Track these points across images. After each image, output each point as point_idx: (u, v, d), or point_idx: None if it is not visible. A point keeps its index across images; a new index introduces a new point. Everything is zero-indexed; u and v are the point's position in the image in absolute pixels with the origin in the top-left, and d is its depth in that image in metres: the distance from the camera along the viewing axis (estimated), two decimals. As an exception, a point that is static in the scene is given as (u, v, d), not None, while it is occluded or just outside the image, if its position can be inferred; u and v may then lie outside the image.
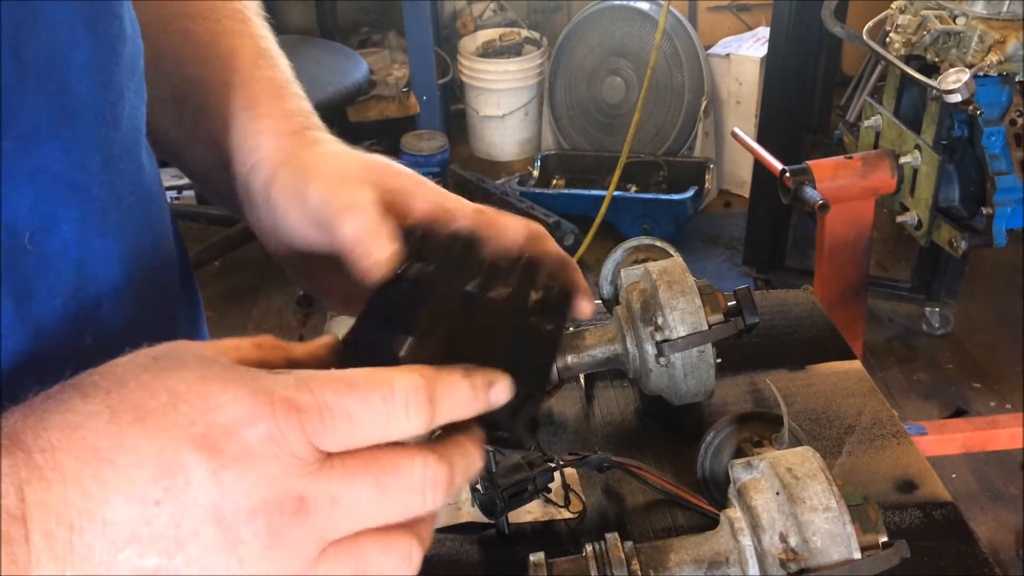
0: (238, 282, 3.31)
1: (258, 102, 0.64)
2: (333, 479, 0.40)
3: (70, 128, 0.48)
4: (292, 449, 0.39)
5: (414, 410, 0.41)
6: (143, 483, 0.38)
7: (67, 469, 0.38)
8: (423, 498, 0.42)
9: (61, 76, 0.47)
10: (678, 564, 0.71)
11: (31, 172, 0.46)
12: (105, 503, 0.38)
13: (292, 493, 0.39)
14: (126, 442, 0.38)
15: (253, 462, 0.39)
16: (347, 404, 0.40)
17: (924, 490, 0.88)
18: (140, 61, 0.56)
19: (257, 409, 0.39)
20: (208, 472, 0.38)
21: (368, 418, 0.41)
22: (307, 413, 0.40)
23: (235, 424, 0.39)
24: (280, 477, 0.39)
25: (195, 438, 0.39)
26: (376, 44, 3.88)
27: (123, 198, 0.53)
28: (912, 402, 2.72)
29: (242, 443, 0.39)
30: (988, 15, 1.95)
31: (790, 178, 2.05)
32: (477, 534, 0.86)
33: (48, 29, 0.46)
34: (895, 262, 3.27)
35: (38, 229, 0.47)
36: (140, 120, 0.57)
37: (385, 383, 0.41)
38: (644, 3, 3.54)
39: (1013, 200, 1.98)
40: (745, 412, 0.89)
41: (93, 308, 0.51)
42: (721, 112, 3.65)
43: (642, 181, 3.49)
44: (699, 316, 0.87)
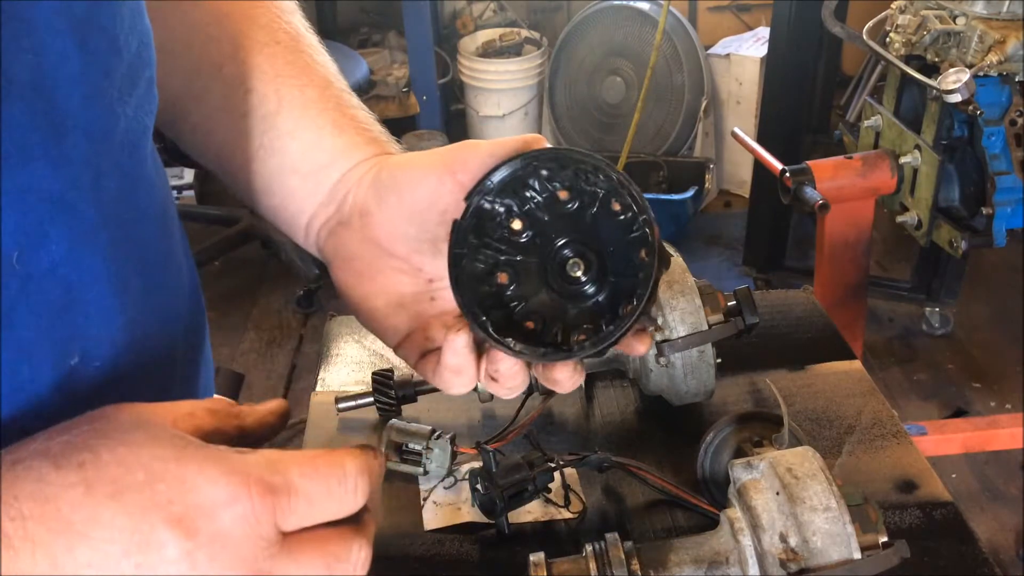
0: (238, 282, 3.31)
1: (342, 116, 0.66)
2: (291, 562, 0.43)
3: (59, 145, 0.47)
4: (262, 531, 0.41)
5: (360, 491, 0.45)
6: (115, 558, 0.39)
7: (38, 540, 0.38)
8: (355, 573, 0.46)
9: (50, 92, 0.46)
10: (678, 564, 0.71)
11: (19, 191, 0.45)
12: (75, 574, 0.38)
13: (259, 574, 0.41)
14: (102, 516, 0.39)
15: (226, 543, 0.40)
16: (308, 487, 0.43)
17: (924, 490, 0.88)
18: (145, 73, 0.56)
19: (235, 491, 0.41)
20: (183, 552, 0.40)
21: (323, 501, 0.44)
22: (279, 496, 0.42)
23: (212, 505, 0.40)
24: (249, 559, 0.41)
25: (171, 517, 0.40)
26: (376, 44, 3.88)
27: (116, 215, 0.53)
28: (912, 402, 2.72)
29: (218, 524, 0.40)
30: (988, 15, 1.95)
31: (790, 178, 2.05)
32: (477, 534, 0.86)
33: (35, 45, 0.45)
34: (895, 262, 3.27)
35: (26, 248, 0.46)
36: (140, 136, 0.57)
37: (339, 467, 0.44)
38: (644, 3, 3.53)
39: (1013, 200, 1.98)
40: (745, 412, 0.89)
41: (81, 328, 0.50)
42: (721, 112, 3.65)
43: (642, 181, 3.49)
44: (699, 316, 0.87)
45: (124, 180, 0.54)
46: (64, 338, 0.49)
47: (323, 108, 0.65)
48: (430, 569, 0.83)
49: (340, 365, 1.08)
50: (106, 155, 0.52)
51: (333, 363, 1.08)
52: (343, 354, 1.09)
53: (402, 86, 3.60)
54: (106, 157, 0.52)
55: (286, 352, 2.98)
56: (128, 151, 0.55)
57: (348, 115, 0.66)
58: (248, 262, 3.35)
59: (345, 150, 0.64)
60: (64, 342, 0.49)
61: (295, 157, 0.65)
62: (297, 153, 0.65)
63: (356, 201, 0.62)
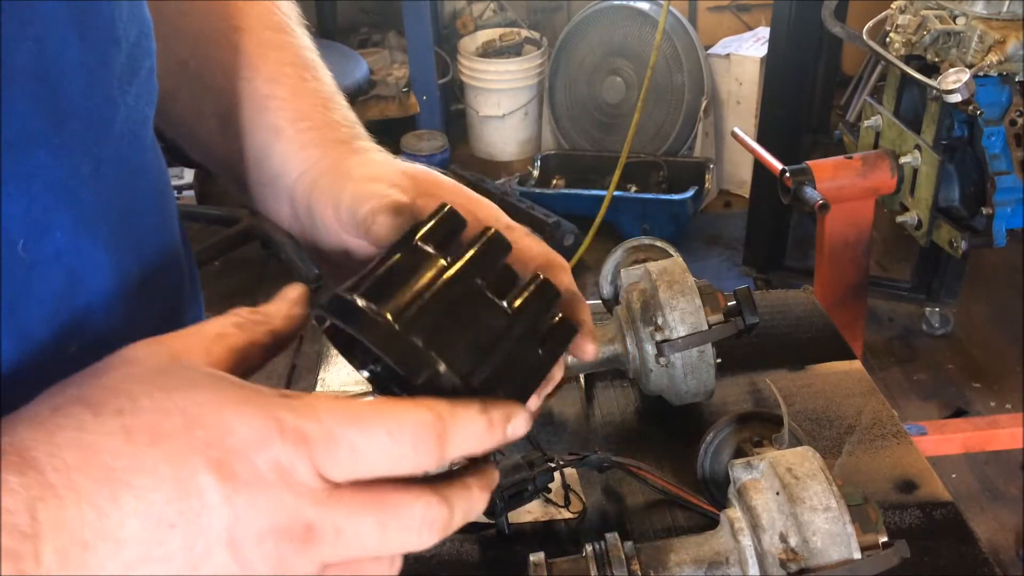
0: (238, 282, 3.31)
1: (305, 115, 0.64)
2: (340, 511, 0.41)
3: (60, 133, 0.48)
4: (300, 477, 0.40)
5: (423, 448, 0.42)
6: (159, 505, 0.39)
7: (83, 489, 0.38)
8: (419, 537, 0.43)
9: (51, 80, 0.47)
10: (678, 564, 0.71)
11: (23, 178, 0.45)
12: (120, 524, 0.38)
13: (301, 520, 0.40)
14: (143, 464, 0.39)
15: (265, 488, 0.40)
16: (351, 436, 0.41)
17: (924, 490, 0.88)
18: (146, 63, 0.56)
19: (267, 435, 0.40)
20: (222, 497, 0.39)
21: (372, 452, 0.41)
22: (313, 441, 0.40)
23: (247, 448, 0.40)
24: (290, 504, 0.40)
25: (210, 462, 0.39)
26: (376, 44, 3.88)
27: (116, 204, 0.53)
28: (912, 402, 2.71)
29: (254, 468, 0.40)
30: (988, 15, 1.95)
31: (790, 178, 2.05)
32: (477, 534, 0.86)
33: (36, 34, 0.45)
34: (895, 262, 3.27)
35: (31, 236, 0.46)
36: (140, 125, 0.57)
37: (393, 418, 0.42)
38: (644, 3, 3.53)
39: (1013, 200, 1.98)
40: (745, 412, 0.89)
41: (81, 317, 0.51)
42: (721, 112, 3.64)
43: (642, 181, 3.49)
44: (699, 316, 0.87)
45: (124, 169, 0.54)
46: (65, 326, 0.49)
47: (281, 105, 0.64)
48: (430, 569, 0.83)
49: (340, 365, 1.08)
50: (106, 144, 0.52)
51: (333, 363, 1.08)
52: (343, 354, 1.09)
53: (402, 86, 3.60)
54: (106, 146, 0.52)
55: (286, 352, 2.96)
56: (128, 140, 0.55)
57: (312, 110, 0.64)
58: (248, 262, 3.35)
59: (288, 160, 0.63)
60: (65, 331, 0.49)
61: (256, 168, 0.65)
62: (255, 163, 0.65)
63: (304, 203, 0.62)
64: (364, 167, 0.60)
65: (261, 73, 0.65)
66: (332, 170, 0.60)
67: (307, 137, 0.63)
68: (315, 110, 0.65)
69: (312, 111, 0.65)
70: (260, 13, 0.68)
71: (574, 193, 3.44)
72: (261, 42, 0.67)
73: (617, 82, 3.67)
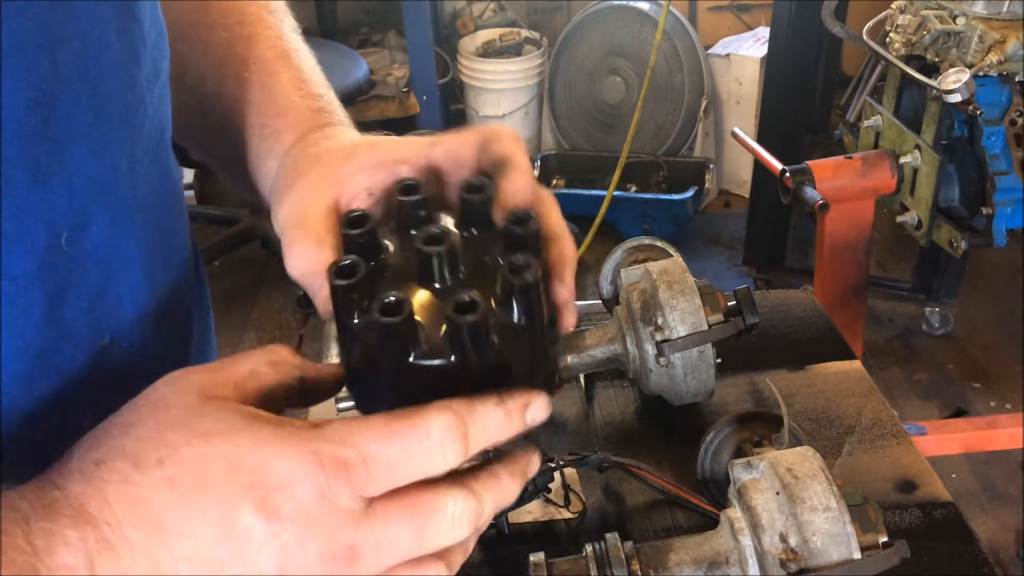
0: (238, 282, 3.31)
1: (277, 109, 0.64)
2: (377, 525, 0.43)
3: (100, 130, 0.49)
4: (342, 503, 0.42)
5: (449, 448, 0.44)
6: (209, 548, 0.40)
7: (135, 541, 0.40)
8: (452, 532, 0.45)
9: (93, 78, 0.47)
10: (678, 564, 0.71)
11: (66, 173, 0.46)
12: (175, 569, 0.40)
13: (345, 543, 0.42)
14: (191, 512, 0.40)
15: (309, 520, 0.41)
16: (387, 453, 0.43)
17: (924, 490, 0.88)
18: (164, 64, 0.57)
19: (310, 469, 0.41)
20: (270, 534, 0.41)
21: (407, 462, 0.43)
22: (352, 468, 0.42)
23: (290, 486, 0.41)
24: (333, 530, 0.42)
25: (255, 503, 0.41)
26: (376, 44, 3.88)
27: (146, 200, 0.54)
28: (912, 402, 2.71)
29: (297, 503, 0.41)
30: (988, 15, 1.95)
31: (790, 178, 2.05)
32: (477, 534, 0.86)
33: (80, 32, 0.46)
34: (895, 262, 3.27)
35: (74, 229, 0.48)
36: (163, 124, 0.58)
37: (421, 425, 0.43)
38: (644, 3, 3.53)
39: (1013, 200, 1.98)
40: (745, 412, 0.89)
41: (114, 309, 0.52)
42: (721, 112, 3.64)
43: (642, 181, 3.49)
44: (699, 316, 0.87)
45: (152, 167, 0.56)
46: (99, 319, 0.50)
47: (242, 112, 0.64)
48: (430, 569, 0.83)
49: (340, 365, 1.08)
50: (139, 141, 0.53)
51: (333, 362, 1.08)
52: (343, 354, 1.09)
53: (402, 86, 3.60)
54: (139, 143, 0.53)
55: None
56: (156, 138, 0.56)
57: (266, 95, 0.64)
58: (248, 262, 3.35)
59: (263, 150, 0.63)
60: (99, 323, 0.51)
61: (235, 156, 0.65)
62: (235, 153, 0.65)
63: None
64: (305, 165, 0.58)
65: (230, 72, 0.65)
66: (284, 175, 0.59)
67: (279, 125, 0.63)
68: (285, 103, 0.64)
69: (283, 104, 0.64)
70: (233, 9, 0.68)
71: (574, 193, 3.44)
72: (231, 38, 0.67)
73: (617, 82, 3.67)
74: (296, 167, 0.58)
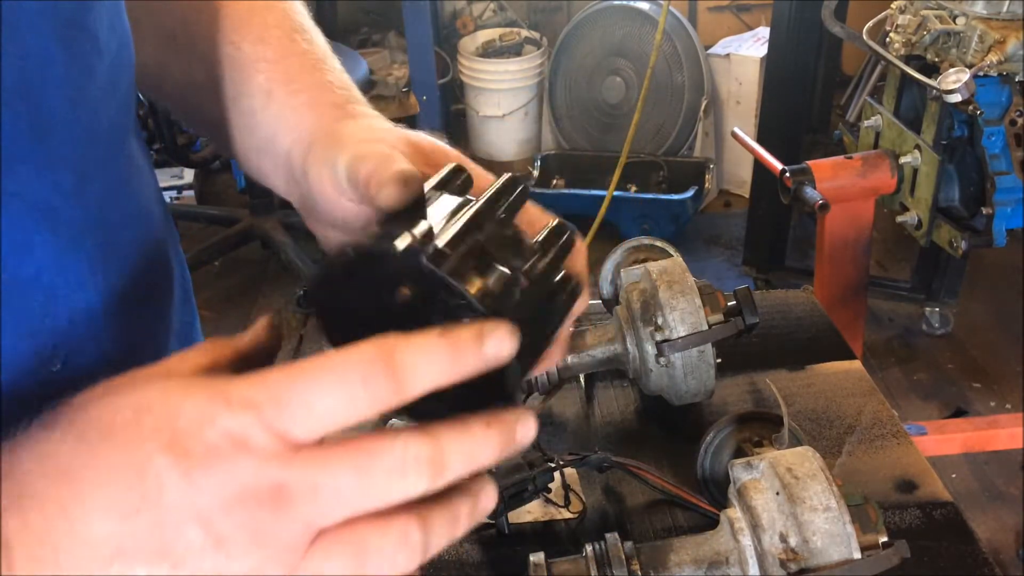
0: (238, 282, 3.31)
1: (296, 77, 0.62)
2: (309, 466, 0.39)
3: (43, 148, 0.47)
4: (255, 442, 0.39)
5: (374, 383, 0.39)
6: (119, 495, 0.38)
7: (43, 493, 0.38)
8: (407, 479, 0.40)
9: (34, 95, 0.46)
10: (678, 564, 0.71)
11: (7, 195, 0.45)
12: (85, 521, 0.38)
13: (267, 482, 0.39)
14: (96, 458, 0.39)
15: (220, 458, 0.39)
16: (300, 391, 0.39)
17: (924, 490, 0.88)
18: (125, 75, 0.55)
19: (215, 408, 0.39)
20: (180, 474, 0.38)
21: (325, 402, 0.39)
22: (261, 406, 0.39)
23: (197, 425, 0.39)
24: (249, 469, 0.39)
25: (162, 444, 0.39)
26: (376, 44, 3.88)
27: (101, 219, 0.52)
28: (912, 402, 2.71)
29: (206, 442, 0.39)
30: (988, 15, 1.95)
31: (790, 178, 2.05)
32: (477, 534, 0.86)
33: (20, 48, 0.45)
34: (895, 262, 3.27)
35: (10, 254, 0.46)
36: (122, 137, 0.56)
37: (339, 363, 0.40)
38: (644, 3, 3.53)
39: (1013, 200, 1.98)
40: (745, 412, 0.89)
41: (63, 335, 0.50)
42: (721, 112, 3.64)
43: (642, 181, 3.49)
44: (699, 316, 0.87)
45: (108, 183, 0.54)
46: (46, 344, 0.49)
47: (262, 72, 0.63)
48: (430, 569, 0.83)
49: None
50: (91, 158, 0.51)
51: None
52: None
53: (402, 86, 3.60)
54: (91, 160, 0.51)
55: (286, 352, 2.97)
56: (112, 153, 0.54)
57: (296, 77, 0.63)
58: (248, 262, 3.35)
59: (281, 125, 0.62)
60: (47, 348, 0.49)
61: (248, 134, 0.64)
62: (247, 129, 0.63)
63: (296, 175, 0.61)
64: (362, 131, 0.58)
65: (247, 36, 0.64)
66: (328, 134, 0.59)
67: (299, 100, 0.61)
68: (306, 72, 0.63)
69: (302, 73, 0.63)
70: None
71: (574, 193, 3.44)
72: (247, 7, 0.65)
73: (617, 82, 3.67)
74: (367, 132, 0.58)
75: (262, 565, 0.39)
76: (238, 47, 0.64)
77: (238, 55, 0.64)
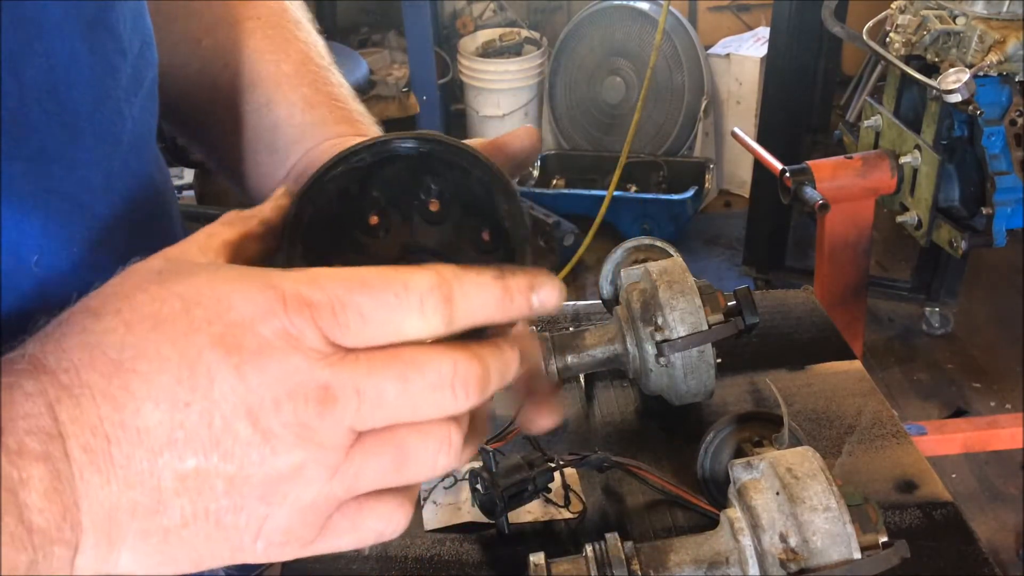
0: (238, 282, 3.31)
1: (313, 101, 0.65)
2: (356, 370, 0.40)
3: (73, 147, 0.48)
4: (307, 343, 0.40)
5: (430, 309, 0.40)
6: (170, 387, 0.39)
7: (94, 384, 0.38)
8: (453, 395, 0.41)
9: (62, 95, 0.47)
10: (678, 564, 0.71)
11: (42, 193, 0.46)
12: (136, 412, 0.38)
13: (315, 382, 0.39)
14: (147, 350, 0.39)
15: (272, 355, 0.39)
16: (358, 300, 0.40)
17: (924, 490, 0.88)
18: (149, 74, 0.56)
19: (269, 305, 0.40)
20: (231, 368, 0.39)
21: (380, 315, 0.40)
22: (318, 308, 0.40)
23: (250, 320, 0.39)
24: (300, 368, 0.39)
25: (213, 337, 0.39)
26: (376, 44, 3.88)
27: (126, 216, 0.53)
28: (912, 402, 2.71)
29: (259, 338, 0.39)
30: (988, 15, 1.95)
31: (790, 178, 2.05)
32: (477, 534, 0.86)
33: (47, 48, 0.45)
34: (895, 262, 3.27)
35: (47, 251, 0.47)
36: (145, 136, 0.57)
37: (399, 281, 0.41)
38: (644, 3, 3.54)
39: (1013, 200, 1.98)
40: (745, 412, 0.89)
41: None
42: (721, 112, 3.64)
43: (642, 181, 3.49)
44: (699, 316, 0.87)
45: (132, 182, 0.55)
46: None
47: (297, 84, 0.65)
48: (430, 569, 0.83)
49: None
50: (115, 157, 0.52)
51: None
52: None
53: (402, 86, 3.60)
54: (115, 159, 0.52)
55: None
56: (135, 152, 0.55)
57: (323, 92, 0.65)
58: (248, 262, 3.35)
59: (312, 127, 0.63)
60: None
61: (266, 133, 0.64)
62: (268, 129, 0.64)
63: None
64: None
65: (278, 53, 0.66)
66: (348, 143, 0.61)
67: (323, 115, 0.64)
68: (321, 92, 0.65)
69: (319, 93, 0.65)
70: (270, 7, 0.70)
71: (574, 193, 3.44)
72: (278, 23, 0.68)
73: (617, 82, 3.67)
74: None
75: (306, 461, 0.40)
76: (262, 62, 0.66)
77: (263, 69, 0.65)
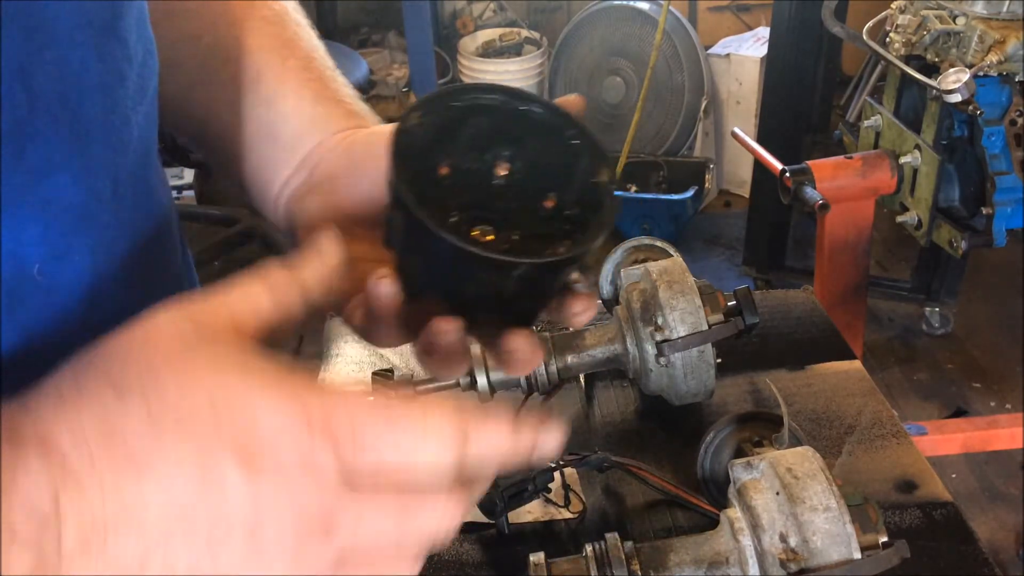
0: (238, 282, 3.31)
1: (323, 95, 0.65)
2: (362, 503, 0.41)
3: (81, 156, 0.47)
4: (323, 472, 0.40)
5: (445, 453, 0.42)
6: (180, 487, 0.38)
7: (104, 476, 0.38)
8: (439, 528, 0.43)
9: (72, 103, 0.46)
10: (678, 564, 0.71)
11: (41, 203, 0.45)
12: (143, 507, 0.38)
13: (322, 511, 0.40)
14: (165, 448, 0.39)
15: (289, 480, 0.39)
16: (381, 441, 0.41)
17: (924, 490, 0.88)
18: (152, 82, 0.56)
19: (298, 428, 0.40)
20: (245, 482, 0.39)
21: (398, 454, 0.41)
22: (342, 441, 0.40)
23: (274, 440, 0.39)
24: (311, 496, 0.40)
25: (235, 450, 0.39)
26: (376, 44, 3.88)
27: (132, 225, 0.53)
28: (912, 402, 2.71)
29: (279, 460, 0.39)
30: (988, 15, 1.95)
31: (790, 178, 2.05)
32: (477, 534, 0.86)
33: (57, 56, 0.45)
34: (895, 262, 3.27)
35: (48, 259, 0.46)
36: (149, 144, 0.57)
37: (421, 425, 0.42)
38: (644, 3, 3.53)
39: (1013, 200, 1.98)
40: (745, 412, 0.89)
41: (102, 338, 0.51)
42: (721, 112, 3.64)
43: (642, 181, 3.49)
44: (699, 316, 0.87)
45: (138, 190, 0.54)
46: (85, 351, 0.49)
47: (305, 80, 0.65)
48: (430, 569, 0.83)
49: (340, 365, 1.08)
50: (123, 165, 0.52)
51: (333, 363, 1.08)
52: (343, 354, 1.09)
53: (402, 86, 3.60)
54: (123, 167, 0.52)
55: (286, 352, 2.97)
56: (141, 160, 0.55)
57: (330, 88, 0.65)
58: (248, 262, 3.31)
59: (323, 120, 0.63)
60: None
61: (272, 125, 0.64)
62: (274, 122, 0.64)
63: (326, 168, 0.61)
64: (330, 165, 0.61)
65: (283, 51, 0.66)
66: (361, 134, 0.62)
67: (331, 110, 0.64)
68: (328, 87, 0.65)
69: (327, 88, 0.65)
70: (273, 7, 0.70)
71: (574, 193, 3.44)
72: (281, 22, 0.68)
73: (617, 82, 3.67)
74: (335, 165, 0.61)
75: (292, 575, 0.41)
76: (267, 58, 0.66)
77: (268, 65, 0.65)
